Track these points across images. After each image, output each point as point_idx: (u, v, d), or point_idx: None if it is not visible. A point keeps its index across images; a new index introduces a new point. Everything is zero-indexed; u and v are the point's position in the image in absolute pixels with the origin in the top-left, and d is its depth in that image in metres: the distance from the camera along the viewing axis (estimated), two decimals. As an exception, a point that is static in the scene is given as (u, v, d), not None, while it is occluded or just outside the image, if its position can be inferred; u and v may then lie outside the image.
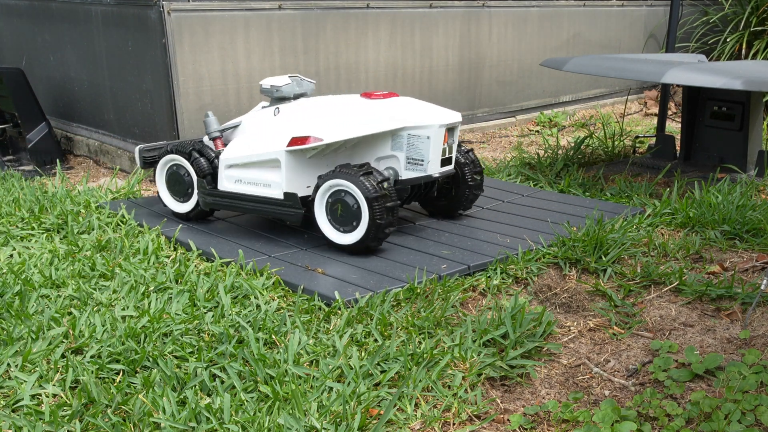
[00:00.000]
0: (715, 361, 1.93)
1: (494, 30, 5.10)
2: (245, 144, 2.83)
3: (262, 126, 2.89)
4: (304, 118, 2.78)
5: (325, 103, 2.83)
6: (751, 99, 3.67)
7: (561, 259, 2.61)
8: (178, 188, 3.00)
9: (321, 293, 2.31)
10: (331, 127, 2.69)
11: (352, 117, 2.71)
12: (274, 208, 2.76)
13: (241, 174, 2.81)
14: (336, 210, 2.64)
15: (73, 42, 4.29)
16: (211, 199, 2.87)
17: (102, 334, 2.05)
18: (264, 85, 2.91)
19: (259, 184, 2.78)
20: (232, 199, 2.83)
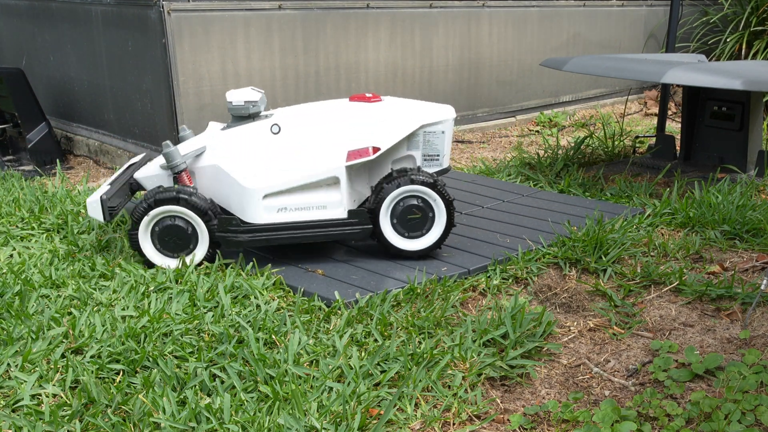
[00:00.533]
0: (715, 361, 1.93)
1: (494, 30, 5.10)
2: (268, 168, 2.50)
3: (263, 146, 2.55)
4: (327, 130, 2.57)
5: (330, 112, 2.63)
6: (751, 99, 3.67)
7: (561, 259, 2.61)
8: (178, 243, 2.50)
9: (321, 293, 2.31)
10: (377, 134, 2.57)
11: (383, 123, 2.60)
12: (334, 230, 2.54)
13: (283, 201, 2.50)
14: (406, 217, 2.56)
15: (73, 42, 4.29)
16: (248, 236, 2.49)
17: (102, 334, 2.05)
18: (235, 102, 2.55)
19: (310, 207, 2.51)
20: (277, 231, 2.51)
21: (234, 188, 2.50)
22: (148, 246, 2.50)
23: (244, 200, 2.49)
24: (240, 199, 2.50)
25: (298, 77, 4.12)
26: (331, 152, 2.53)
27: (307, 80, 4.16)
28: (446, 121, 2.67)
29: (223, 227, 2.49)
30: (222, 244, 2.52)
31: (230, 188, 2.51)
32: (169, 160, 2.51)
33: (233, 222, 2.48)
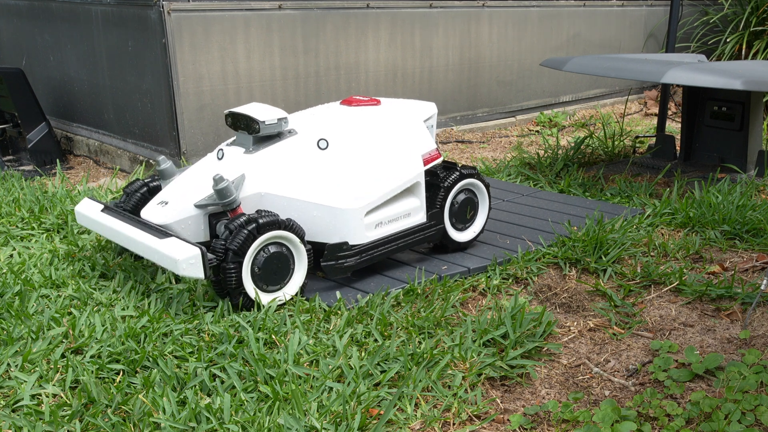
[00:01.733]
0: (715, 361, 1.93)
1: (494, 30, 5.10)
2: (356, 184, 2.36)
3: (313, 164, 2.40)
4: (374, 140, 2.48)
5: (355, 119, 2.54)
6: (751, 99, 3.67)
7: (561, 259, 2.61)
8: (279, 274, 2.25)
9: (321, 294, 2.31)
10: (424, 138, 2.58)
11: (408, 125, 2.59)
12: (419, 235, 2.51)
13: (379, 216, 2.39)
14: (461, 209, 2.64)
15: (73, 42, 4.29)
16: (355, 259, 2.34)
17: (102, 334, 2.05)
18: (268, 121, 2.36)
19: (399, 218, 2.45)
20: (377, 248, 2.40)
21: (321, 212, 2.32)
22: (248, 278, 2.18)
23: (346, 222, 2.32)
24: (336, 222, 2.32)
25: (298, 77, 4.12)
26: (408, 159, 2.48)
27: (307, 80, 4.16)
28: (434, 116, 2.76)
29: (332, 255, 2.30)
30: (327, 272, 2.32)
31: (309, 213, 2.33)
32: (227, 195, 2.23)
33: (343, 247, 2.31)
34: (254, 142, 2.41)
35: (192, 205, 2.29)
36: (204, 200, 2.29)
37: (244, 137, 2.42)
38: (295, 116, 2.61)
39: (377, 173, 2.40)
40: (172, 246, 2.10)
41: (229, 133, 3.91)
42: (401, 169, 2.45)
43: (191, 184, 2.35)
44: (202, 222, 2.30)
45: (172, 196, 2.33)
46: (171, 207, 2.29)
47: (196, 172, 2.41)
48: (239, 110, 2.39)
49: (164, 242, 2.12)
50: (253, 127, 2.37)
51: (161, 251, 2.11)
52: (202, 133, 3.82)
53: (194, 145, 3.80)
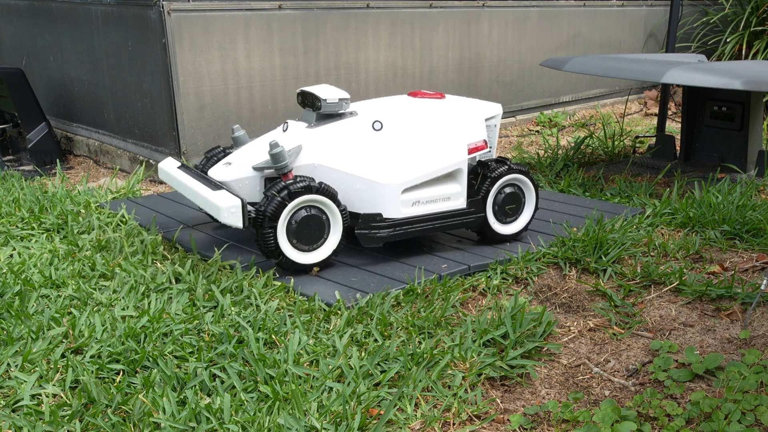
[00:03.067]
0: (715, 361, 1.93)
1: (494, 30, 5.10)
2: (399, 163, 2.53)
3: (366, 143, 2.59)
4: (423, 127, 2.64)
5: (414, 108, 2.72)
6: (751, 99, 3.67)
7: (561, 259, 2.61)
8: (312, 235, 2.46)
9: (321, 295, 2.31)
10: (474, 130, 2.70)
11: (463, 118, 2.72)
12: (455, 219, 2.63)
13: (417, 195, 2.54)
14: (505, 203, 2.73)
15: (73, 42, 4.29)
16: (387, 232, 2.50)
17: (102, 334, 2.05)
18: (330, 100, 2.60)
19: (437, 200, 2.58)
20: (412, 224, 2.55)
21: (363, 185, 2.50)
22: (285, 242, 2.41)
23: (383, 196, 2.49)
24: (374, 195, 2.50)
25: (298, 77, 4.12)
26: (453, 147, 2.62)
27: (307, 80, 4.16)
28: (498, 116, 2.86)
29: (365, 224, 2.50)
30: (361, 240, 2.52)
31: (353, 185, 2.52)
32: (279, 160, 2.46)
33: (377, 218, 2.49)
34: (316, 119, 2.65)
35: (250, 167, 2.54)
36: (261, 163, 2.53)
37: (309, 114, 2.67)
38: (365, 103, 2.83)
39: (420, 155, 2.57)
40: (219, 196, 2.37)
41: (229, 134, 3.91)
42: (444, 155, 2.59)
43: (253, 150, 2.61)
44: (258, 184, 2.56)
45: (236, 159, 2.60)
46: (232, 167, 2.56)
47: (261, 140, 2.67)
48: (308, 89, 2.65)
49: (214, 193, 2.39)
50: (317, 104, 2.61)
51: (210, 200, 2.38)
52: (202, 133, 3.82)
53: (194, 145, 3.79)
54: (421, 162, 2.55)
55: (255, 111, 4.00)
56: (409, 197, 2.53)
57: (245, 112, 3.95)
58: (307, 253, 2.46)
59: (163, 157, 3.86)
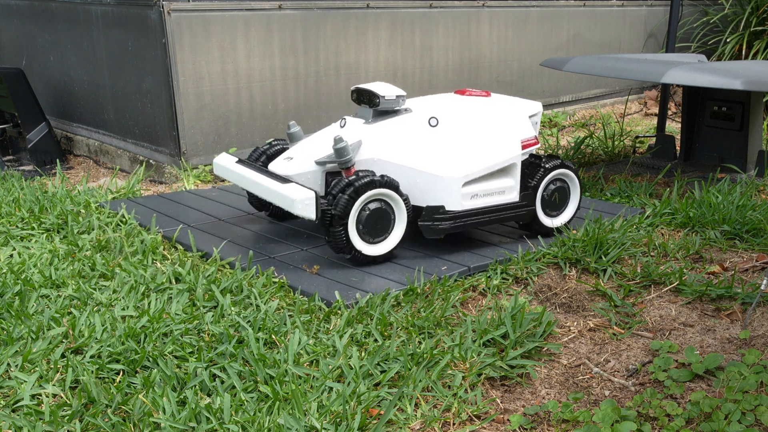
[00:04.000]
0: (715, 361, 1.93)
1: (494, 30, 5.10)
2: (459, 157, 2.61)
3: (423, 138, 2.68)
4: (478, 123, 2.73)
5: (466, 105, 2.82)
6: (751, 99, 3.67)
7: (561, 259, 2.61)
8: (379, 227, 2.53)
9: (321, 294, 2.31)
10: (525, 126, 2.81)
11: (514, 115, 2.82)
12: (509, 212, 2.73)
13: (475, 189, 2.64)
14: (553, 197, 2.83)
15: (73, 42, 4.29)
16: (449, 223, 2.59)
17: (102, 334, 2.05)
18: (388, 96, 2.69)
19: (493, 193, 2.68)
20: (470, 217, 2.63)
21: (424, 179, 2.59)
22: (355, 236, 2.49)
23: (445, 189, 2.58)
24: (436, 188, 2.59)
25: (298, 77, 4.12)
26: (508, 142, 2.72)
27: (307, 80, 4.16)
28: (540, 113, 2.95)
29: (429, 216, 2.57)
30: (424, 232, 2.60)
31: (413, 179, 2.60)
32: (343, 154, 2.54)
33: (440, 210, 2.57)
34: (373, 115, 2.73)
35: (313, 161, 2.63)
36: (323, 158, 2.61)
37: (365, 110, 2.75)
38: (416, 100, 2.91)
39: (478, 150, 2.66)
40: (291, 189, 2.45)
41: (229, 134, 3.92)
42: (500, 150, 2.69)
43: (314, 145, 2.69)
44: (319, 178, 2.64)
45: (297, 153, 2.69)
46: (295, 162, 2.64)
47: (320, 136, 2.75)
48: (364, 86, 2.74)
49: (285, 186, 2.48)
50: (374, 101, 2.69)
51: (282, 193, 2.45)
52: (202, 133, 3.82)
53: (194, 145, 3.80)
54: (480, 157, 2.64)
55: (255, 111, 4.00)
56: (468, 190, 2.62)
57: (245, 112, 3.95)
58: (376, 245, 2.55)
59: (163, 157, 3.86)
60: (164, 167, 3.84)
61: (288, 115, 4.14)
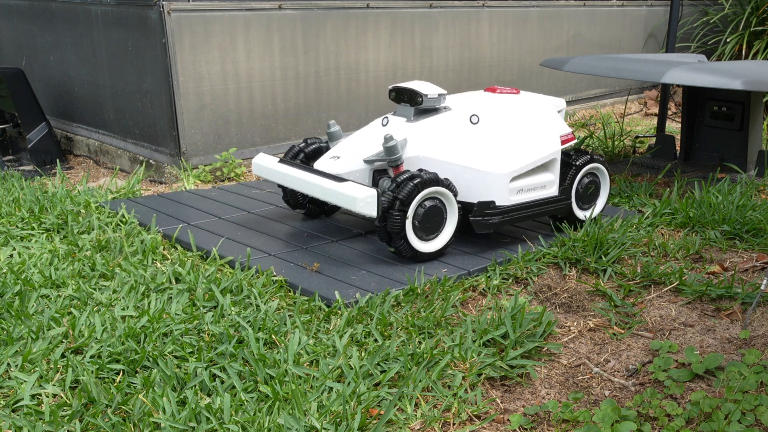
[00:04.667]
0: (715, 361, 1.93)
1: (494, 30, 5.10)
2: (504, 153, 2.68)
3: (464, 135, 2.74)
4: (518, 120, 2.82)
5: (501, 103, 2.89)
6: (751, 99, 3.67)
7: (561, 259, 2.61)
8: (432, 224, 2.58)
9: (321, 294, 2.31)
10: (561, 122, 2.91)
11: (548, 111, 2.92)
12: (549, 207, 2.80)
13: (521, 184, 2.70)
14: (586, 190, 2.92)
15: (73, 42, 4.29)
16: (499, 218, 2.65)
17: (102, 334, 2.05)
18: (430, 95, 2.75)
19: (536, 188, 2.75)
20: (517, 211, 2.70)
21: (473, 175, 2.65)
22: (409, 228, 2.52)
23: (494, 185, 2.64)
24: (485, 184, 2.64)
25: (298, 77, 4.12)
26: (549, 138, 2.80)
27: (307, 80, 4.16)
28: (564, 110, 3.06)
29: (480, 212, 2.62)
30: (475, 227, 2.64)
31: (461, 175, 2.66)
32: (394, 152, 2.61)
33: (490, 206, 2.62)
34: (415, 113, 2.78)
35: (361, 160, 2.67)
36: (372, 156, 2.67)
37: (406, 109, 2.80)
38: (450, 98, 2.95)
39: (522, 146, 2.73)
40: (351, 188, 2.49)
41: (229, 134, 3.92)
42: (542, 146, 2.76)
43: (360, 143, 2.75)
44: (367, 176, 2.69)
45: (344, 152, 2.73)
46: (342, 161, 2.68)
47: (364, 134, 2.81)
48: (404, 85, 2.78)
49: (344, 185, 2.52)
50: (416, 99, 2.74)
51: (341, 192, 2.50)
52: (202, 133, 3.82)
53: (194, 145, 3.80)
54: (524, 152, 2.71)
55: (255, 111, 3.99)
56: (515, 185, 2.68)
57: (245, 112, 3.95)
58: (427, 242, 2.59)
59: (163, 157, 3.86)
60: (164, 167, 3.84)
61: (288, 115, 4.14)
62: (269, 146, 4.10)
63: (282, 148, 4.15)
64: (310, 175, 2.64)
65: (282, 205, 3.24)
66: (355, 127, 4.47)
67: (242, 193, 3.46)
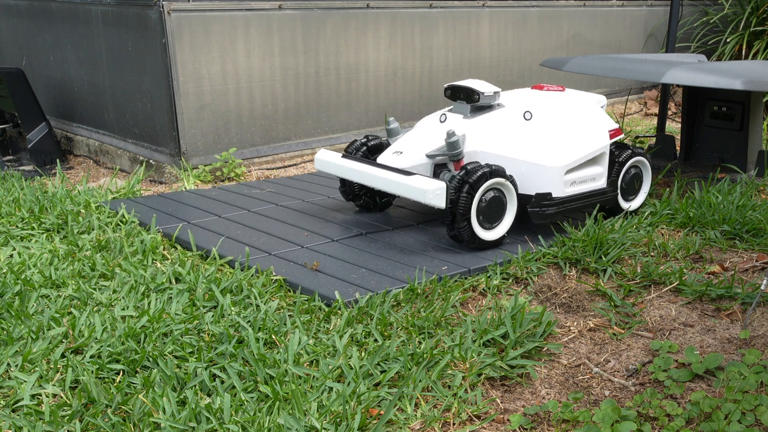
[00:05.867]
0: (715, 361, 1.93)
1: (494, 30, 5.10)
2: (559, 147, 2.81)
3: (518, 131, 2.87)
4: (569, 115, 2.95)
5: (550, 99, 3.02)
6: (751, 99, 3.67)
7: (561, 259, 2.61)
8: (494, 214, 2.70)
9: (321, 293, 2.31)
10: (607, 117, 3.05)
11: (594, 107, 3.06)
12: (598, 198, 2.94)
13: (574, 176, 2.83)
14: (631, 182, 3.07)
15: (73, 42, 4.29)
16: (555, 209, 2.78)
17: (102, 334, 2.05)
18: (487, 93, 2.88)
19: (586, 180, 2.88)
20: (571, 202, 2.84)
21: (529, 168, 2.77)
22: (474, 215, 2.63)
23: (550, 177, 2.77)
24: (542, 176, 2.77)
25: (298, 77, 4.12)
26: (598, 132, 2.93)
27: (307, 80, 4.16)
28: (605, 106, 3.16)
29: (538, 203, 2.76)
30: (533, 217, 2.78)
31: (517, 168, 2.78)
32: (456, 147, 2.75)
33: (547, 197, 2.76)
34: (471, 110, 2.92)
35: (424, 154, 2.81)
36: (435, 151, 2.80)
37: (462, 106, 2.93)
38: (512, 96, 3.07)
39: (574, 141, 2.85)
40: (420, 180, 2.61)
41: (229, 134, 3.92)
42: (592, 140, 2.89)
43: (421, 139, 2.87)
44: (429, 170, 2.83)
45: (406, 147, 2.86)
46: (405, 155, 2.82)
47: (423, 130, 2.93)
48: (460, 83, 2.91)
49: (413, 178, 2.64)
50: (473, 97, 2.87)
51: (411, 185, 2.61)
52: (202, 133, 3.82)
53: (194, 145, 3.80)
54: (576, 146, 2.83)
55: (255, 111, 4.00)
56: (569, 178, 2.81)
57: (245, 112, 3.95)
58: (488, 231, 2.70)
59: (163, 157, 3.86)
60: (164, 167, 3.84)
61: (288, 115, 4.14)
62: (269, 146, 4.10)
63: (282, 148, 4.16)
64: (378, 169, 2.75)
65: (281, 204, 3.24)
66: (355, 127, 4.47)
67: (242, 192, 3.46)
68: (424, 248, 2.72)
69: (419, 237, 2.85)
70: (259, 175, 3.96)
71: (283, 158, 4.16)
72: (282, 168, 4.10)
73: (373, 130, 4.56)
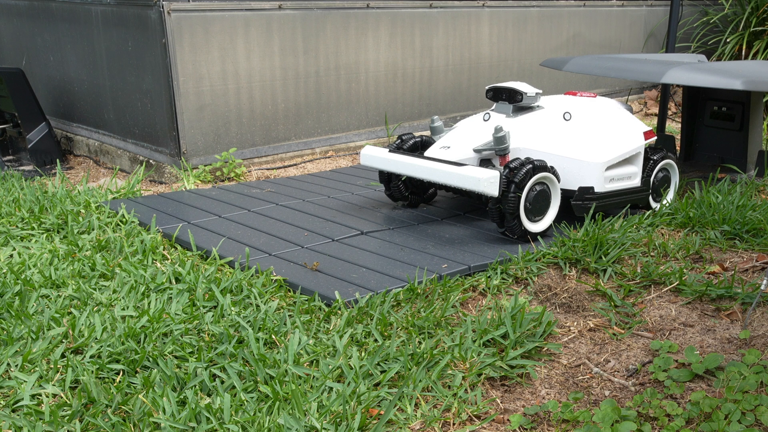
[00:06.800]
0: (715, 361, 1.93)
1: (494, 30, 5.10)
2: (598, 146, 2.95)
3: (558, 130, 3.00)
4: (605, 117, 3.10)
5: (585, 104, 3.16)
6: (751, 99, 3.67)
7: (561, 259, 2.61)
8: (540, 207, 2.81)
9: (321, 293, 2.31)
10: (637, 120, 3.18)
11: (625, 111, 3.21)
12: (633, 196, 3.09)
13: (613, 173, 2.98)
14: (661, 183, 3.22)
15: (73, 42, 4.29)
16: (596, 203, 2.94)
17: (102, 334, 2.05)
18: (529, 93, 3.02)
19: (623, 178, 3.02)
20: (609, 198, 2.99)
21: (572, 164, 2.92)
22: (522, 209, 2.74)
23: (592, 173, 2.92)
24: (584, 172, 2.92)
25: (298, 77, 4.12)
26: (634, 133, 3.08)
27: (307, 80, 4.16)
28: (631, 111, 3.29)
29: (581, 196, 2.91)
30: (575, 210, 2.92)
31: (559, 164, 2.92)
32: (503, 142, 2.86)
33: (590, 191, 2.91)
34: (513, 110, 3.06)
35: (471, 149, 2.94)
36: (482, 146, 2.93)
37: (504, 106, 3.07)
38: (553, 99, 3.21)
39: (612, 140, 3.01)
40: (474, 170, 2.73)
41: (229, 134, 3.92)
42: (629, 140, 3.05)
43: (467, 135, 3.01)
44: (475, 164, 2.93)
45: (453, 142, 3.00)
46: (453, 150, 2.95)
47: (468, 127, 3.07)
48: (503, 85, 3.06)
49: (466, 168, 2.76)
50: (516, 97, 3.02)
51: (465, 174, 2.73)
52: (202, 133, 3.82)
53: (194, 145, 3.80)
54: (615, 145, 2.99)
55: (255, 111, 4.00)
56: (608, 174, 2.96)
57: (245, 112, 3.95)
58: (535, 223, 2.82)
59: (163, 157, 3.86)
60: (164, 167, 3.84)
61: (288, 115, 4.14)
62: (269, 146, 4.10)
63: (282, 148, 4.16)
64: (429, 162, 2.87)
65: (281, 204, 3.24)
66: (355, 127, 4.47)
67: (242, 192, 3.46)
68: (424, 246, 2.72)
69: (419, 235, 2.85)
70: (259, 175, 3.96)
71: (283, 158, 4.17)
72: (282, 168, 4.10)
73: (373, 130, 4.56)
